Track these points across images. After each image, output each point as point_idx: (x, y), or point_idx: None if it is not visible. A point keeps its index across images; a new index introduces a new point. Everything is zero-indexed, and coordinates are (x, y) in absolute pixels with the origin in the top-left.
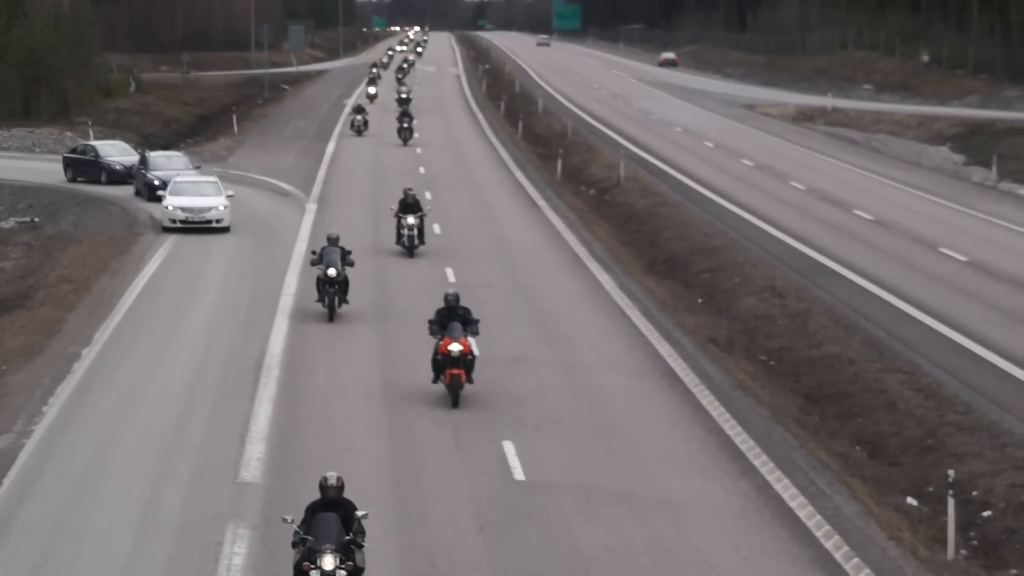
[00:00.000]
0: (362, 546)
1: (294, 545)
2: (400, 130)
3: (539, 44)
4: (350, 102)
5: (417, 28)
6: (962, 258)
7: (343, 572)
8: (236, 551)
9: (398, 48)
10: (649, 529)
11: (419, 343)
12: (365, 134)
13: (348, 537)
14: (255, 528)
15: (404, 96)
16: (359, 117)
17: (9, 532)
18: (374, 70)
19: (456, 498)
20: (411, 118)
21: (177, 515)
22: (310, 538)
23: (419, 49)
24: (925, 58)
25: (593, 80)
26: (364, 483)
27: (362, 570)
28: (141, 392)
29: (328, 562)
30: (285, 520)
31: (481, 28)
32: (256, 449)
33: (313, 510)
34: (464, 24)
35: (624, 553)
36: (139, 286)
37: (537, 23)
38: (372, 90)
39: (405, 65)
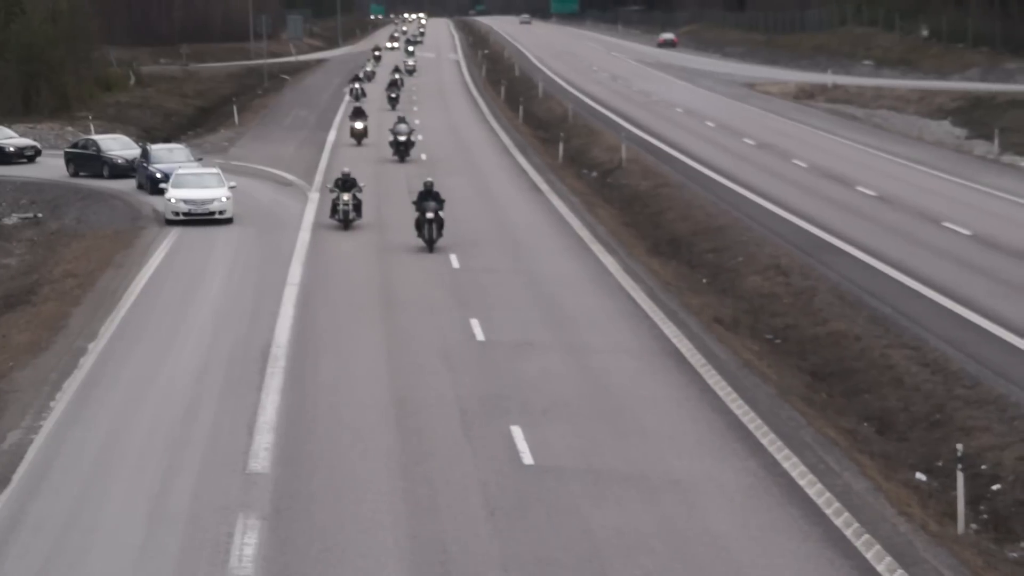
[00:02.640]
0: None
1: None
2: (422, 224)
3: (521, 23)
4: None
5: (419, 16)
6: (966, 232)
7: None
8: (247, 541)
9: (387, 46)
10: (659, 510)
11: (424, 330)
12: (357, 224)
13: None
14: (265, 518)
15: (404, 139)
16: (345, 198)
17: (20, 528)
18: (357, 85)
19: (465, 484)
20: (439, 200)
21: (187, 507)
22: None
23: (410, 48)
24: (924, 32)
25: (593, 62)
26: (373, 470)
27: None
28: (148, 385)
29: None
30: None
31: (480, 13)
32: (264, 439)
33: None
34: (462, 9)
35: (634, 535)
36: (143, 279)
37: (536, 6)
38: (359, 125)
39: (398, 77)
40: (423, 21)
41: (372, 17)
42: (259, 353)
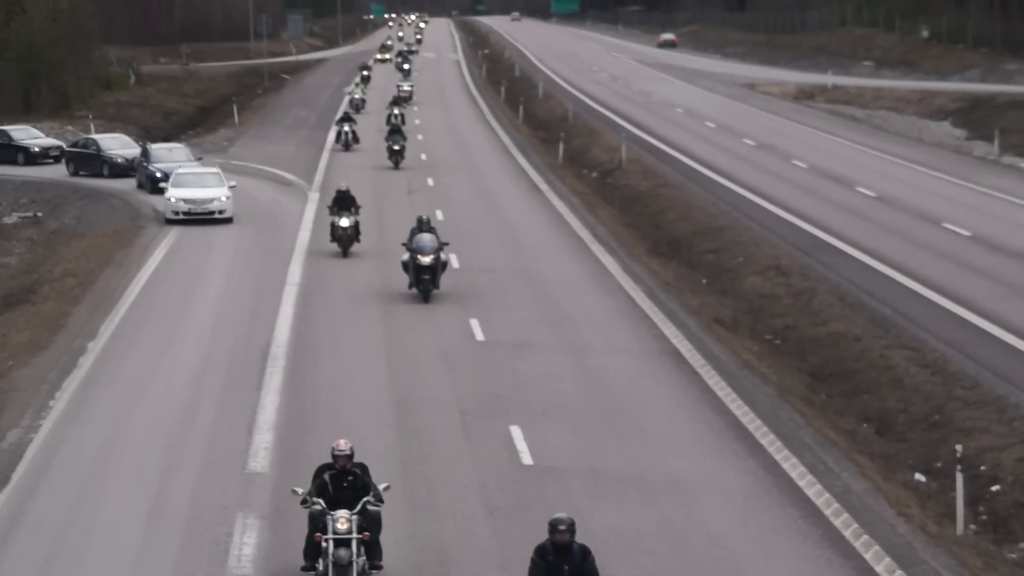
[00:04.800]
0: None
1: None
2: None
3: (512, 20)
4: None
5: (417, 16)
6: (965, 233)
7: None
8: (246, 541)
9: (378, 58)
10: (658, 511)
11: (423, 330)
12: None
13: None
14: (264, 518)
15: (430, 262)
16: (341, 524)
17: (19, 527)
18: (346, 128)
19: (465, 484)
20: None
21: (186, 506)
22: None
23: (406, 66)
24: (925, 33)
25: (593, 63)
26: (372, 470)
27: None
28: (147, 384)
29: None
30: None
31: (480, 13)
32: (264, 439)
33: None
34: (463, 9)
35: (634, 535)
36: (143, 279)
37: (536, 6)
38: (345, 222)
39: (397, 113)
40: (422, 24)
41: (385, 17)
42: (259, 352)
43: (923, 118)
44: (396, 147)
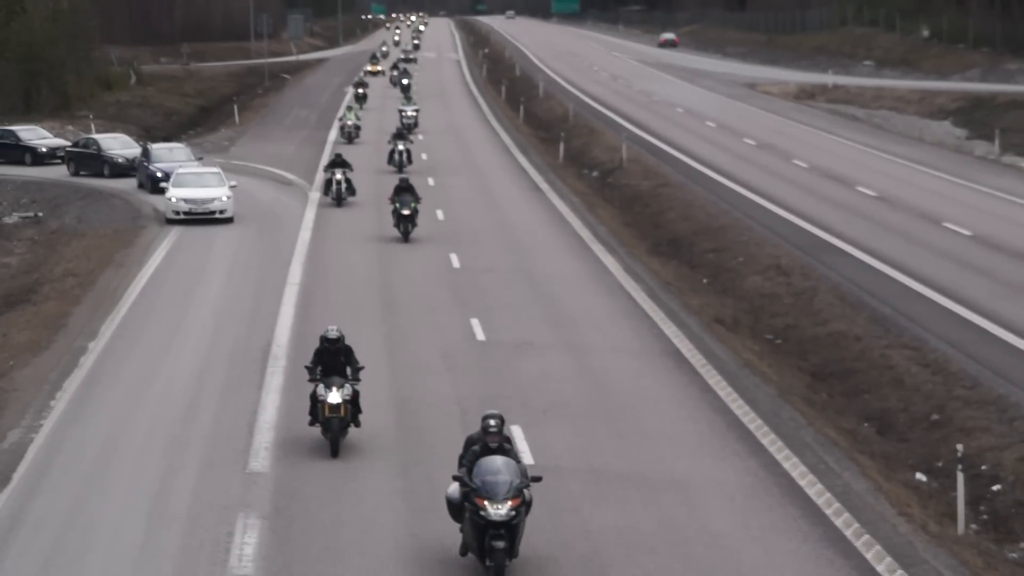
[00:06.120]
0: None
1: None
2: None
3: (507, 18)
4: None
5: (416, 17)
6: (966, 232)
7: (347, 398)
8: (247, 541)
9: (370, 70)
10: (659, 510)
11: (424, 330)
12: None
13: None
14: (265, 518)
15: (503, 517)
16: None
17: (20, 526)
18: (338, 175)
19: None
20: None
21: (187, 506)
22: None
23: (405, 80)
24: (925, 33)
25: (593, 62)
26: (373, 470)
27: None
28: (148, 384)
29: (334, 395)
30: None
31: (481, 12)
32: (264, 438)
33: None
34: (463, 9)
35: (634, 535)
36: (144, 279)
37: (536, 6)
38: (335, 399)
39: (401, 150)
40: (421, 28)
41: (385, 17)
42: (259, 352)
43: (924, 118)
44: (405, 212)
